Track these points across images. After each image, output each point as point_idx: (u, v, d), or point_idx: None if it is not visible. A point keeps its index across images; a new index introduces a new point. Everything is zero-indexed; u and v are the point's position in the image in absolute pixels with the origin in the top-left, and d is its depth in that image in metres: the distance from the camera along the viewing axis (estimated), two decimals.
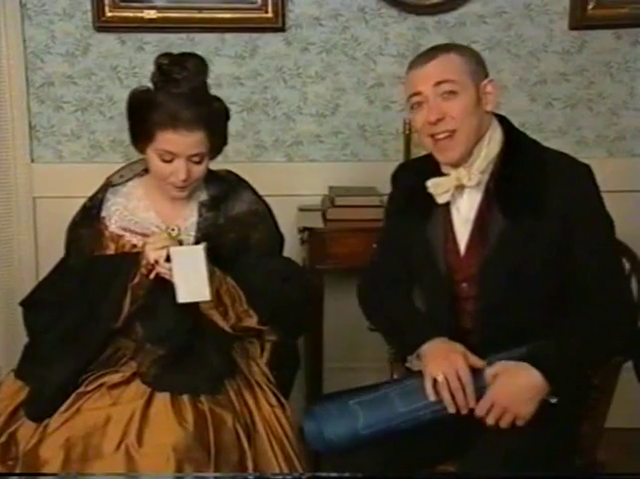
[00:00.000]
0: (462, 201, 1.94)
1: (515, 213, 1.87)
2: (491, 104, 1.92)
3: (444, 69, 1.87)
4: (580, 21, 3.02)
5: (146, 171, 2.18)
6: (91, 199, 2.19)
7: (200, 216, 2.14)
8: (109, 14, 3.00)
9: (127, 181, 2.19)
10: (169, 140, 1.99)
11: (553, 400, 1.78)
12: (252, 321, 2.09)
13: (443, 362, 1.82)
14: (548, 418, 1.80)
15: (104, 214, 2.15)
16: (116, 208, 2.15)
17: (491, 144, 1.91)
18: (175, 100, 2.00)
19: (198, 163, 2.04)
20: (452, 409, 1.80)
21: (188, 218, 2.15)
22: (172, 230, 2.09)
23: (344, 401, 1.84)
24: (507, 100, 3.07)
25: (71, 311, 2.08)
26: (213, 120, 2.04)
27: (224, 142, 2.14)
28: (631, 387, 2.01)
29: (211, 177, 2.18)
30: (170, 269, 1.97)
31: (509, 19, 3.05)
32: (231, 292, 2.06)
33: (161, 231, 2.07)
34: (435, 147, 1.91)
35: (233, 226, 2.16)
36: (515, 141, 1.94)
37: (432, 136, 1.89)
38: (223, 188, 2.18)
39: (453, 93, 1.86)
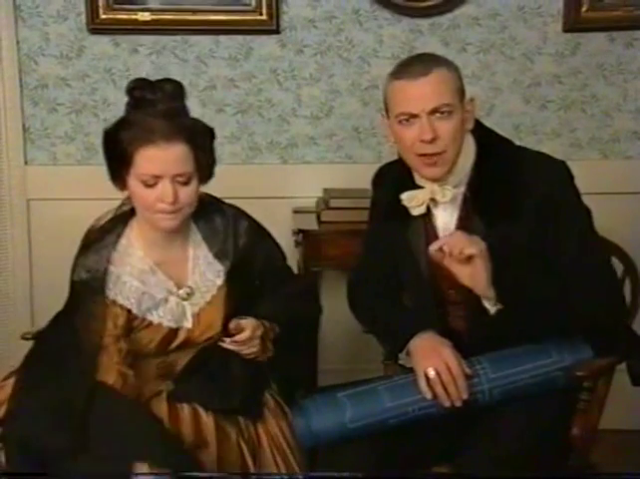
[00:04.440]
0: (438, 211, 1.94)
1: (495, 220, 1.87)
2: (471, 122, 1.92)
3: (439, 90, 1.84)
4: (574, 23, 3.02)
5: (126, 219, 2.00)
6: (88, 270, 1.95)
7: (225, 273, 1.98)
8: (103, 16, 2.99)
9: (116, 240, 1.97)
10: (149, 157, 1.82)
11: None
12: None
13: (432, 357, 1.83)
14: (540, 420, 1.81)
15: (114, 294, 1.94)
16: (130, 285, 1.95)
17: (466, 158, 1.91)
18: (151, 116, 1.84)
19: (186, 184, 1.86)
20: (447, 403, 1.80)
21: (195, 271, 1.99)
22: (188, 294, 1.97)
23: (333, 394, 1.84)
24: (501, 102, 3.09)
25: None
26: (195, 134, 1.87)
27: (213, 162, 1.95)
28: (624, 389, 2.01)
29: (200, 216, 2.01)
30: None
31: (503, 21, 3.05)
32: (269, 329, 1.97)
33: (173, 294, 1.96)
34: (421, 164, 1.88)
35: (249, 262, 2.02)
36: (488, 146, 1.94)
37: (419, 154, 1.86)
38: (221, 228, 2.01)
39: (447, 113, 1.84)
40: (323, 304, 2.50)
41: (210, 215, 2.01)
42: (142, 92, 1.88)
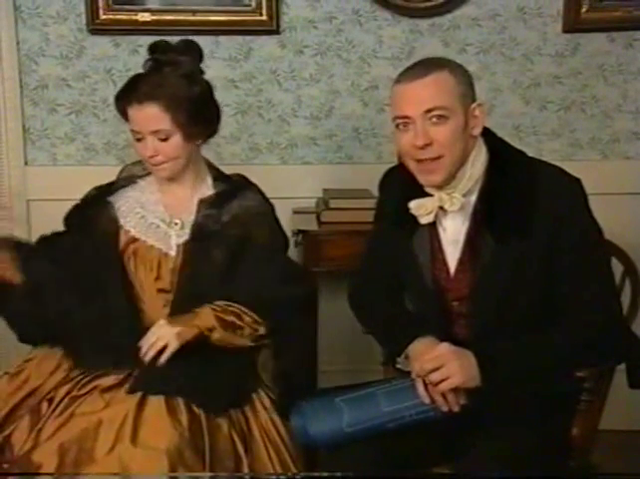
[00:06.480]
0: (446, 221, 1.91)
1: (505, 236, 1.82)
2: (478, 128, 1.86)
3: (435, 92, 1.79)
4: (574, 24, 3.03)
5: None
6: (109, 184, 2.25)
7: (198, 212, 2.16)
8: (103, 17, 3.00)
9: (148, 174, 2.24)
10: (130, 115, 2.08)
11: None
12: (263, 329, 2.09)
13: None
14: (539, 421, 1.81)
15: (114, 200, 2.21)
16: (132, 202, 2.20)
17: (475, 166, 1.86)
18: (145, 77, 2.09)
19: (164, 140, 2.07)
20: (445, 408, 1.80)
21: (193, 213, 2.17)
22: (175, 223, 2.16)
23: (330, 398, 1.84)
24: (501, 103, 3.09)
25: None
26: (171, 98, 2.05)
27: (203, 126, 2.13)
28: (624, 389, 2.01)
29: (220, 176, 2.24)
30: None
31: (503, 22, 3.06)
32: (231, 310, 2.06)
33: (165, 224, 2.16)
34: (418, 170, 1.85)
35: (235, 223, 2.17)
36: (501, 157, 1.89)
37: (416, 159, 1.84)
38: (229, 187, 2.21)
39: (442, 117, 1.80)
40: (323, 305, 2.51)
41: (228, 182, 2.22)
42: (155, 52, 2.13)
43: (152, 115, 2.05)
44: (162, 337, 2.00)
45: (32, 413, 2.01)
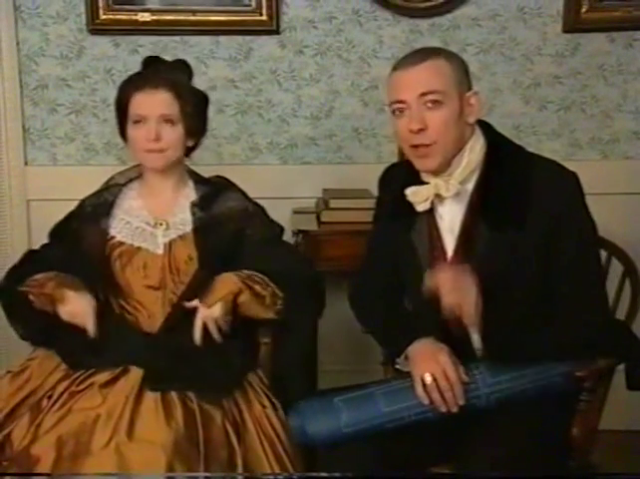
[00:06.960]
0: (443, 209, 1.92)
1: (500, 226, 1.84)
2: (474, 116, 1.88)
3: (430, 77, 1.82)
4: (574, 24, 3.03)
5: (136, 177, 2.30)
6: (97, 196, 2.28)
7: (194, 214, 2.21)
8: (103, 17, 3.00)
9: (129, 181, 2.29)
10: (138, 100, 2.15)
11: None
12: (280, 303, 2.12)
13: (430, 362, 1.82)
14: (539, 421, 1.81)
15: (105, 218, 2.24)
16: (116, 210, 2.24)
17: (472, 154, 1.88)
18: (145, 73, 2.21)
19: (169, 125, 2.15)
20: (443, 409, 1.80)
21: (177, 214, 2.22)
22: (161, 224, 2.20)
23: (329, 398, 1.85)
24: (501, 102, 3.09)
25: None
26: (182, 88, 2.18)
27: (202, 123, 2.25)
28: (624, 389, 2.01)
29: (200, 180, 2.30)
30: None
31: (503, 22, 3.06)
32: (256, 279, 2.11)
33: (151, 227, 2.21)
34: (414, 155, 1.88)
35: (228, 220, 2.23)
36: (499, 149, 1.91)
37: (411, 145, 1.86)
38: (212, 189, 2.27)
39: (437, 102, 1.82)
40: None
41: (209, 184, 2.28)
42: (152, 66, 2.25)
43: (163, 99, 2.14)
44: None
45: (32, 410, 2.02)
